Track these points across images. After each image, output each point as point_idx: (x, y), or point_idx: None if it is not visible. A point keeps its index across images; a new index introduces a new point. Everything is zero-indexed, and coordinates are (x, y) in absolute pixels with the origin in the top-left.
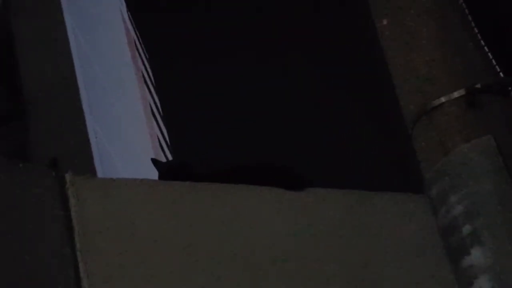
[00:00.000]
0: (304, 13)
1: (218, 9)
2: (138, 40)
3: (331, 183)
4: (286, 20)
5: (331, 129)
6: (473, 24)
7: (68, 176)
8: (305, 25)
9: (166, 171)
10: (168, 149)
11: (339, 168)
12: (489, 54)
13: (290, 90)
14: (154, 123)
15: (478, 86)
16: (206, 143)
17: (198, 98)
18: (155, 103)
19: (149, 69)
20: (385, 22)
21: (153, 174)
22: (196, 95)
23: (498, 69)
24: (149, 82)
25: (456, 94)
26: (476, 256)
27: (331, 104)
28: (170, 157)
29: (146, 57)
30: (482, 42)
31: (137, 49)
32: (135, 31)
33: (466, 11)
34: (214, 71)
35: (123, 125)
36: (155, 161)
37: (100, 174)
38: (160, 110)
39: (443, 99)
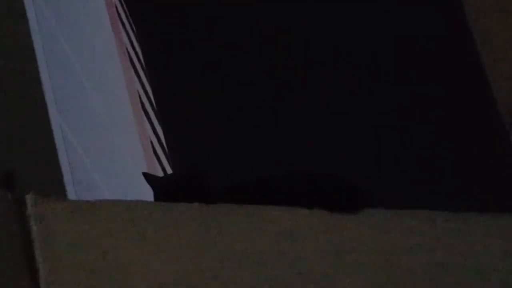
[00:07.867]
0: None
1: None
2: (122, 5)
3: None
4: (295, 22)
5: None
6: None
7: (29, 198)
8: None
9: (163, 189)
10: (166, 156)
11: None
12: None
13: (305, 83)
14: (146, 121)
15: None
16: (214, 148)
17: (202, 91)
18: (145, 92)
19: (137, 46)
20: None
21: (146, 191)
22: (198, 87)
23: None
24: (137, 64)
25: None
26: None
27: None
28: (167, 167)
29: (133, 29)
30: None
31: (119, 17)
32: None
33: None
34: (219, 59)
35: (103, 125)
36: (147, 176)
37: (71, 194)
38: (154, 103)
39: None
